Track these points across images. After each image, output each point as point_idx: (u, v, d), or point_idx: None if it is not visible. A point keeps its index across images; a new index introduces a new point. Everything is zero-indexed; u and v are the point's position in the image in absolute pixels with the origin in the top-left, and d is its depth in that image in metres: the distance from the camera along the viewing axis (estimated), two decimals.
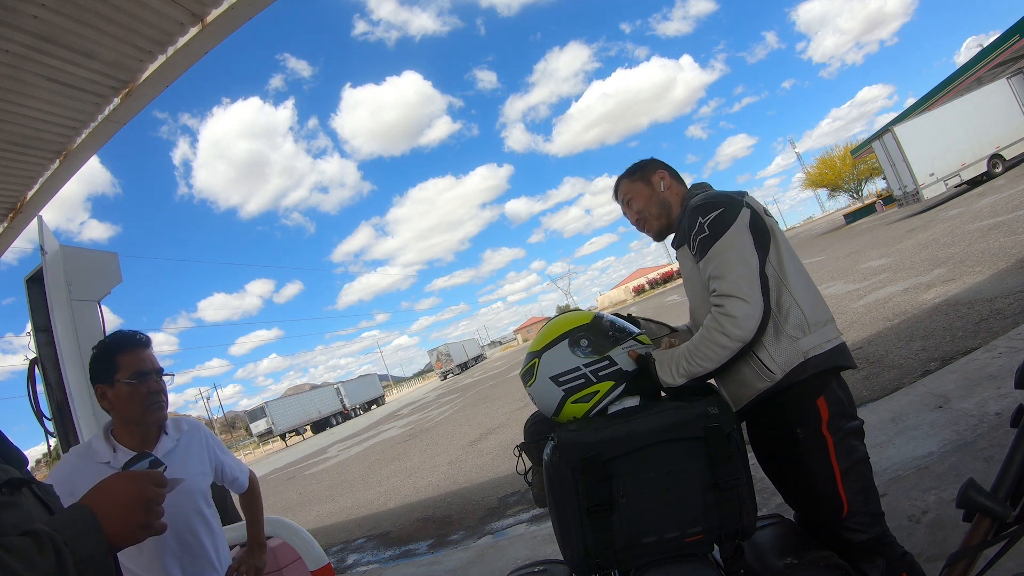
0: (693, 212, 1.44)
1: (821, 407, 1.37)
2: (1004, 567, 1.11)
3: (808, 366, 1.37)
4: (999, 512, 0.97)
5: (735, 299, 1.31)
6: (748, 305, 1.31)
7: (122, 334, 1.56)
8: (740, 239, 1.36)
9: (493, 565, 3.59)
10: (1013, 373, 1.06)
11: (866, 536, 1.36)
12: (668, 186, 1.66)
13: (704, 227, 1.39)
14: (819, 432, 1.36)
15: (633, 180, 1.70)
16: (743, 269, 1.33)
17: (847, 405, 1.40)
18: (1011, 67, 18.20)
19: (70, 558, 0.64)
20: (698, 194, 1.55)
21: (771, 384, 1.38)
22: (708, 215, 1.40)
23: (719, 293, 1.34)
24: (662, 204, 1.65)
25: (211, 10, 2.62)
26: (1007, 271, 5.67)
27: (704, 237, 1.39)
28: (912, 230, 12.90)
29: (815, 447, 1.37)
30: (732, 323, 1.30)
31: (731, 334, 1.31)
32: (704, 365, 1.35)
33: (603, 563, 1.20)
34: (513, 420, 9.49)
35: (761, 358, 1.39)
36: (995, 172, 16.79)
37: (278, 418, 40.12)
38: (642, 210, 1.67)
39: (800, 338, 1.38)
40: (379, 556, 4.98)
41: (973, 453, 2.55)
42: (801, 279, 1.45)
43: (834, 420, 1.37)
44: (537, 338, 1.42)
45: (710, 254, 1.37)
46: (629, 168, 1.76)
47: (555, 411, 1.35)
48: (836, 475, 1.35)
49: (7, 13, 2.18)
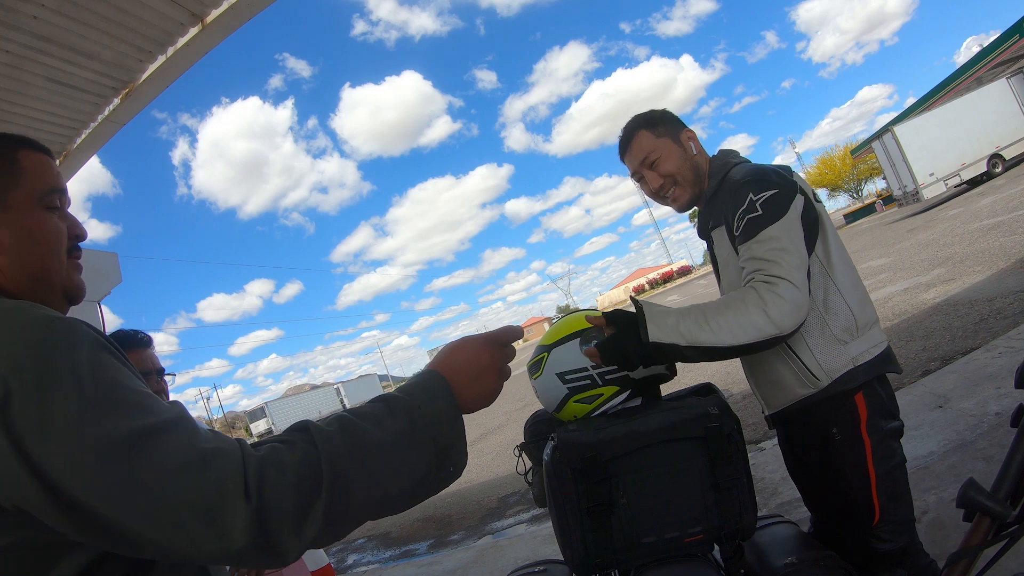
0: (742, 187, 1.24)
1: (859, 405, 1.24)
2: (1004, 567, 1.11)
3: (857, 374, 1.23)
4: (999, 512, 0.97)
5: (789, 283, 1.12)
6: (800, 295, 1.12)
7: (123, 334, 1.56)
8: (794, 230, 1.20)
9: (493, 565, 3.59)
10: (1013, 373, 1.06)
11: (893, 545, 1.25)
12: (699, 149, 1.43)
13: (756, 206, 1.20)
14: (857, 433, 1.24)
15: (658, 134, 1.41)
16: (797, 262, 1.15)
17: (887, 403, 1.28)
18: (1011, 67, 18.21)
19: (421, 420, 0.64)
20: (734, 163, 1.37)
21: (814, 391, 1.25)
22: (762, 193, 1.21)
23: (770, 272, 1.14)
24: (695, 169, 1.41)
25: (211, 10, 2.62)
26: (1007, 271, 5.67)
27: (756, 217, 1.20)
28: (912, 230, 12.90)
29: (851, 450, 1.25)
30: (780, 306, 1.10)
31: (773, 316, 1.10)
32: (719, 336, 1.11)
33: (603, 563, 1.20)
34: (513, 420, 9.49)
35: (805, 362, 1.24)
36: (995, 172, 16.79)
37: (278, 418, 40.19)
38: (674, 174, 1.40)
39: (849, 342, 1.24)
40: (379, 556, 4.98)
41: (973, 453, 2.55)
42: (849, 275, 1.29)
43: (873, 419, 1.24)
44: (549, 332, 1.42)
45: (760, 237, 1.18)
46: (644, 117, 1.44)
47: (557, 408, 1.35)
48: (871, 481, 1.23)
49: (7, 13, 2.18)
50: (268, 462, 0.56)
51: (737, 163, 1.36)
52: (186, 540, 0.52)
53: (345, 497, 0.58)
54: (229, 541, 0.52)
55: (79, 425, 0.52)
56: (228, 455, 0.55)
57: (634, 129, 1.43)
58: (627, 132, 1.44)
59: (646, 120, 1.42)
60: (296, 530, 0.55)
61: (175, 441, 0.55)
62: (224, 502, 0.53)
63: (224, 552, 0.53)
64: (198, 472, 0.53)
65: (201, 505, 0.52)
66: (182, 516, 0.52)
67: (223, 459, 0.55)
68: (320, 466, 0.57)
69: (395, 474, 0.61)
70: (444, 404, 0.67)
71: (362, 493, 0.59)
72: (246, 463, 0.55)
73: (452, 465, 0.66)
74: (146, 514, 0.52)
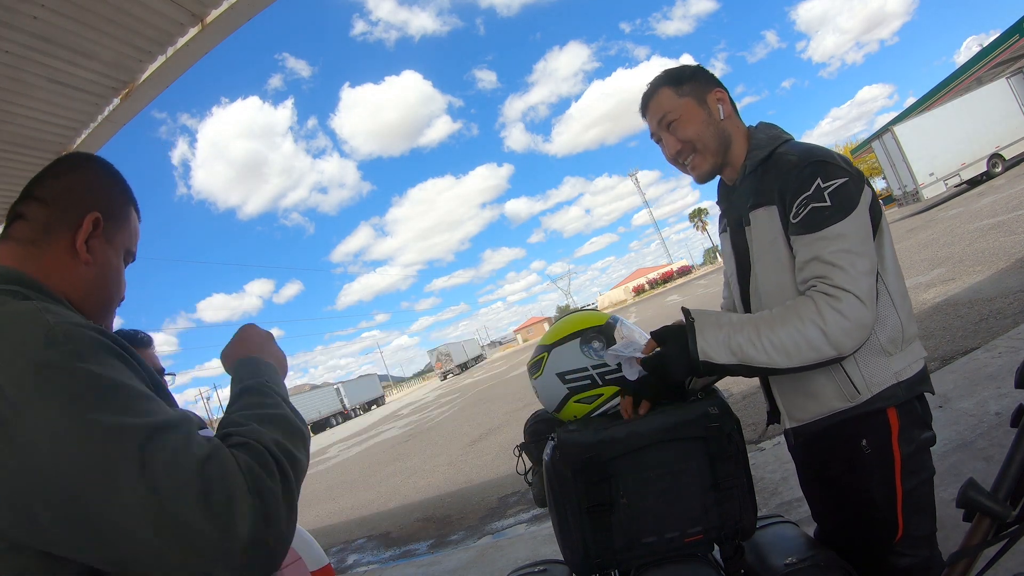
0: (809, 167, 1.09)
1: (891, 417, 1.14)
2: (1004, 567, 1.12)
3: (898, 391, 1.12)
4: (999, 512, 0.97)
5: (855, 299, 1.01)
6: (868, 314, 1.02)
7: (124, 333, 1.56)
8: (864, 228, 1.07)
9: (493, 565, 3.59)
10: (1013, 373, 1.06)
11: (911, 560, 1.16)
12: (728, 113, 1.26)
13: (825, 195, 1.05)
14: (887, 446, 1.13)
15: (681, 93, 1.25)
16: (867, 266, 1.04)
17: (921, 412, 1.18)
18: (1011, 67, 18.21)
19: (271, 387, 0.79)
20: (785, 139, 1.22)
21: (851, 406, 1.14)
22: (832, 181, 1.06)
23: (834, 283, 1.03)
24: (721, 135, 1.24)
25: (211, 10, 2.62)
26: (1007, 271, 5.67)
27: (824, 208, 1.05)
28: (912, 230, 12.89)
29: (879, 464, 1.14)
30: (842, 326, 1.01)
31: (833, 338, 1.01)
32: (772, 357, 1.03)
33: (603, 563, 1.20)
34: (513, 420, 9.49)
35: (848, 372, 1.12)
36: (995, 172, 16.78)
37: None
38: (694, 139, 1.24)
39: (894, 354, 1.13)
40: (379, 556, 4.98)
41: (973, 453, 2.55)
42: (901, 282, 1.18)
43: (906, 431, 1.14)
44: (550, 332, 1.41)
45: (827, 232, 1.05)
46: (671, 72, 1.28)
47: (557, 408, 1.35)
48: (898, 498, 1.14)
49: (7, 13, 2.18)
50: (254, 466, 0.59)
51: (787, 139, 1.22)
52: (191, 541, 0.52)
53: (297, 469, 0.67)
54: (237, 537, 0.53)
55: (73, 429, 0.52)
56: (224, 456, 0.58)
57: (657, 86, 1.27)
58: (650, 88, 1.29)
59: (671, 76, 1.26)
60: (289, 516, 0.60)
61: (172, 443, 0.55)
62: (232, 500, 0.54)
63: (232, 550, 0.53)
64: (199, 471, 0.54)
65: (204, 504, 0.52)
66: (187, 516, 0.52)
67: (221, 459, 0.57)
68: (274, 453, 0.63)
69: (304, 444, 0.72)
70: (279, 375, 0.85)
71: (301, 461, 0.69)
72: (239, 463, 0.58)
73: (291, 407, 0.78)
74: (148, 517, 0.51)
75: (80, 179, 0.82)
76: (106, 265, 0.80)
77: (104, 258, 0.80)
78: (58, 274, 0.74)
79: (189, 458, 0.54)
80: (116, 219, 0.83)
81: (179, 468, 0.53)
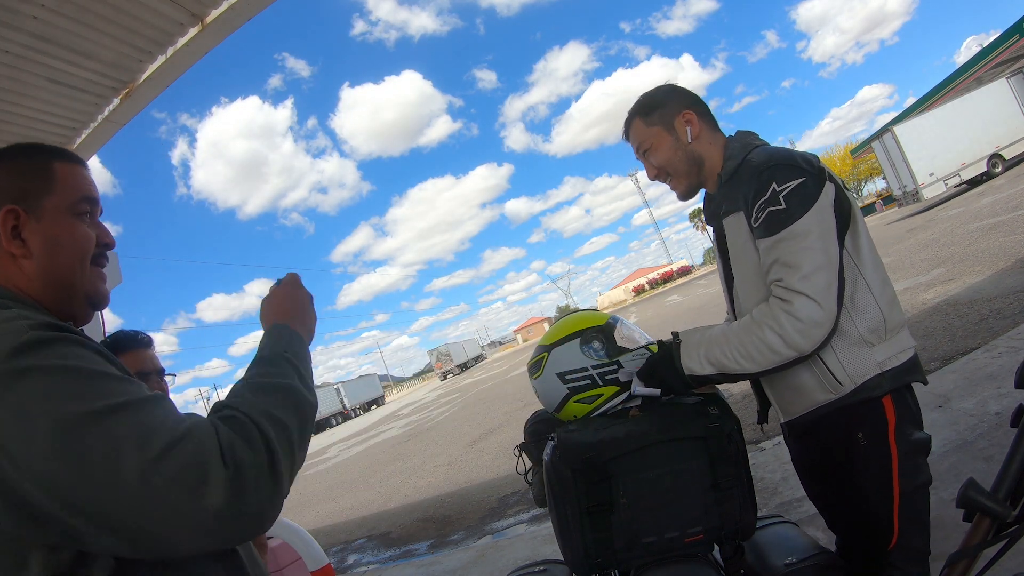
0: (765, 172, 1.13)
1: (888, 409, 1.14)
2: (1004, 567, 1.11)
3: (883, 381, 1.13)
4: (999, 512, 0.97)
5: (806, 299, 1.05)
6: (820, 311, 1.05)
7: (124, 334, 1.56)
8: (824, 224, 1.08)
9: (493, 565, 3.59)
10: (1013, 373, 1.06)
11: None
12: (697, 133, 1.28)
13: (780, 198, 1.09)
14: (884, 438, 1.14)
15: (649, 123, 1.31)
16: (823, 261, 1.06)
17: (915, 412, 1.18)
18: (1011, 67, 18.22)
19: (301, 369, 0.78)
20: (755, 145, 1.25)
21: (836, 397, 1.15)
22: (786, 183, 1.09)
23: (787, 286, 1.07)
24: (690, 159, 1.29)
25: (211, 10, 2.62)
26: (1007, 271, 5.67)
27: (778, 211, 1.09)
28: (912, 230, 12.90)
29: (876, 457, 1.14)
30: (795, 327, 1.05)
31: (789, 339, 1.06)
32: (741, 364, 1.11)
33: (603, 563, 1.20)
34: (513, 420, 9.49)
35: (828, 364, 1.14)
36: (995, 172, 16.79)
37: None
38: (663, 165, 1.31)
39: (876, 345, 1.14)
40: (379, 556, 4.98)
41: (973, 453, 2.55)
42: (879, 272, 1.19)
43: (902, 426, 1.14)
44: (550, 332, 1.41)
45: (783, 235, 1.08)
46: (642, 102, 1.34)
47: (556, 408, 1.35)
48: (895, 496, 1.13)
49: (7, 13, 2.18)
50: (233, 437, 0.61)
51: (758, 145, 1.25)
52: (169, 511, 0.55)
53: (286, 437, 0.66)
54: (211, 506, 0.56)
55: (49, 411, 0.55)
56: (203, 427, 0.60)
57: (631, 117, 1.35)
58: (627, 118, 1.37)
59: (642, 107, 1.33)
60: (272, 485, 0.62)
61: (151, 416, 0.58)
62: (204, 473, 0.56)
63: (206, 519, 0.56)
64: (179, 444, 0.57)
65: (183, 474, 0.55)
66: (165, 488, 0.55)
67: (199, 430, 0.59)
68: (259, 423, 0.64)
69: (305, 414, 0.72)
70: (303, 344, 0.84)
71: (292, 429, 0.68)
72: (219, 433, 0.60)
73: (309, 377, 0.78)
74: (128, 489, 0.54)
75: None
76: (50, 242, 0.75)
77: (43, 238, 0.75)
78: (5, 277, 0.74)
79: (163, 433, 0.57)
80: (35, 193, 0.76)
81: (151, 442, 0.56)
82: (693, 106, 1.31)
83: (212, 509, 0.56)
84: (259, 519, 0.61)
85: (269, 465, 0.62)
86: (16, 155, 0.79)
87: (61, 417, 0.55)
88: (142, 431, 0.56)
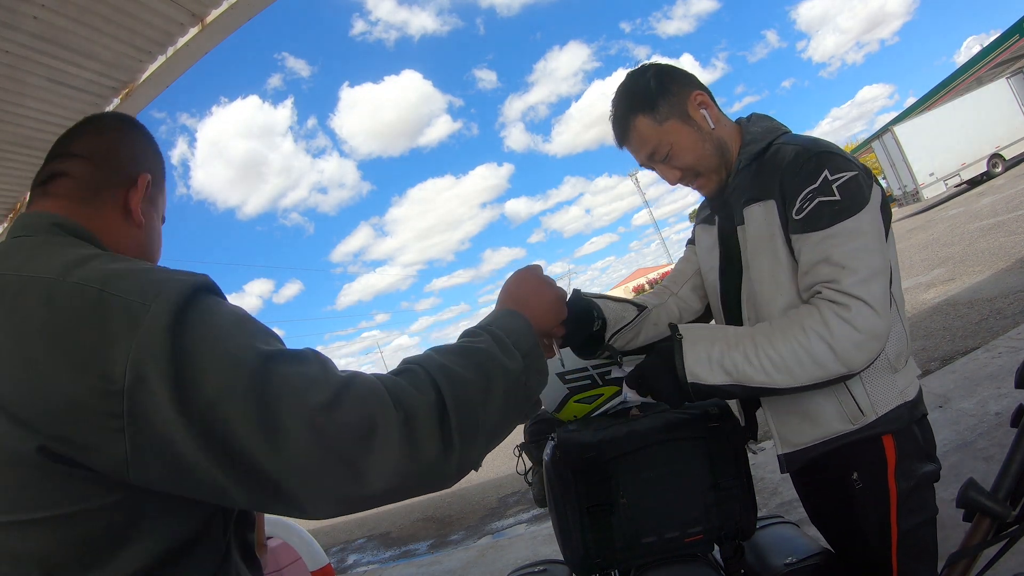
0: (815, 158, 0.95)
1: (888, 446, 1.00)
2: (1004, 567, 1.11)
3: (904, 412, 0.99)
4: (999, 512, 0.97)
5: (866, 306, 0.87)
6: (881, 322, 0.88)
7: None
8: (876, 226, 0.94)
9: (493, 565, 3.59)
10: (1013, 373, 1.06)
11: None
12: (716, 116, 1.09)
13: (833, 188, 0.92)
14: (883, 480, 1.01)
15: (660, 118, 1.07)
16: (880, 267, 0.90)
17: (923, 442, 1.03)
18: (1011, 67, 18.21)
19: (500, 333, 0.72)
20: (783, 131, 1.07)
21: (854, 428, 1.00)
22: (840, 173, 0.93)
23: (842, 288, 0.89)
24: (719, 147, 1.09)
25: (211, 10, 2.62)
26: (1007, 271, 5.67)
27: (832, 203, 0.91)
28: (912, 230, 12.90)
29: (873, 500, 1.02)
30: (851, 338, 0.87)
31: (842, 352, 0.88)
32: (772, 376, 0.91)
33: (603, 563, 1.20)
34: None
35: (852, 391, 0.99)
36: (995, 172, 16.78)
37: None
38: (693, 165, 1.09)
39: (899, 371, 1.00)
40: (379, 556, 4.98)
41: (973, 453, 2.55)
42: (900, 289, 1.04)
43: (904, 463, 1.00)
44: None
45: (837, 230, 0.91)
46: (637, 95, 1.09)
47: (557, 407, 1.35)
48: (892, 538, 1.01)
49: (7, 13, 2.18)
50: (400, 383, 0.57)
51: (786, 131, 1.08)
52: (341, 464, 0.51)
53: (461, 385, 0.61)
54: (390, 458, 0.52)
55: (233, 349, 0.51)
56: (366, 376, 0.57)
57: (628, 115, 1.09)
58: (620, 119, 1.11)
59: (641, 100, 1.08)
60: (440, 427, 0.57)
61: (316, 365, 0.55)
62: (379, 418, 0.53)
63: (385, 471, 0.52)
64: (347, 390, 0.53)
65: (358, 424, 0.52)
66: (341, 435, 0.51)
67: (363, 379, 0.56)
68: (432, 372, 0.60)
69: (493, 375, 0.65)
70: (518, 321, 0.75)
71: (469, 379, 0.62)
72: (384, 383, 0.57)
73: (536, 371, 0.72)
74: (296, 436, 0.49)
75: (128, 138, 0.78)
76: (152, 229, 0.78)
77: (151, 221, 0.77)
78: (111, 235, 0.70)
79: (329, 378, 0.53)
80: (159, 183, 0.80)
81: (318, 390, 0.52)
82: (695, 83, 1.10)
83: (391, 459, 0.52)
84: (429, 472, 0.56)
85: (439, 415, 0.57)
86: (151, 135, 0.83)
87: (241, 360, 0.50)
88: (307, 380, 0.52)
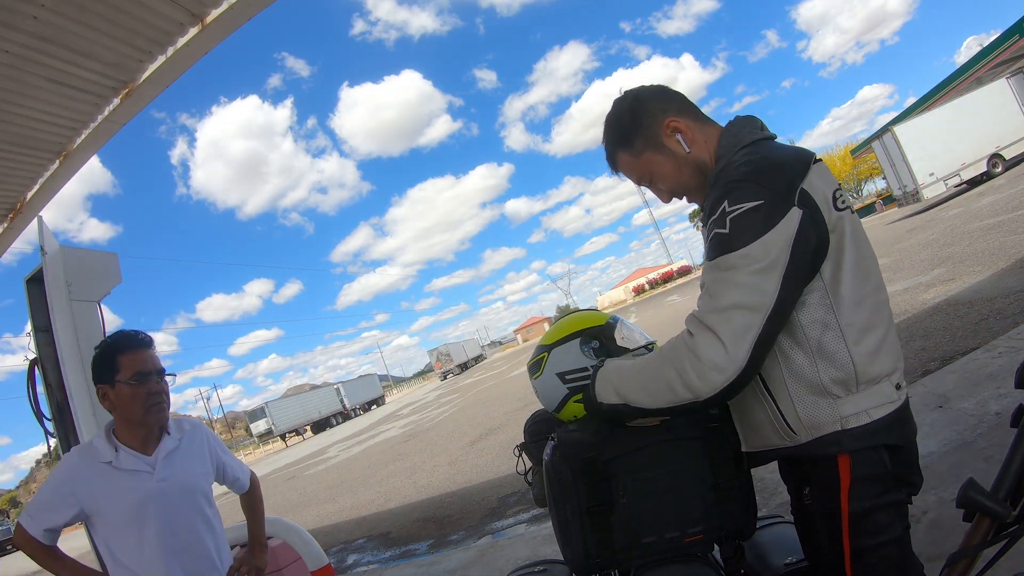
0: (725, 187, 0.97)
1: (842, 466, 0.98)
2: (1004, 567, 1.11)
3: (842, 439, 0.97)
4: (999, 512, 0.97)
5: (712, 337, 0.92)
6: (724, 355, 0.91)
7: (124, 334, 1.56)
8: (771, 258, 0.92)
9: (493, 565, 3.59)
10: (1013, 373, 1.06)
11: None
12: (692, 138, 1.10)
13: (726, 220, 0.94)
14: (833, 500, 0.99)
15: (635, 152, 1.14)
16: (747, 301, 0.91)
17: (889, 467, 0.99)
18: (1011, 67, 18.22)
19: None
20: (744, 144, 1.05)
21: (791, 445, 1.02)
22: (737, 205, 0.94)
23: (699, 317, 0.96)
24: (697, 168, 1.11)
25: (211, 10, 2.63)
26: (1007, 271, 5.67)
27: (721, 235, 0.95)
28: (912, 230, 12.90)
29: (823, 517, 1.01)
30: (693, 365, 0.93)
31: (685, 378, 0.94)
32: (640, 398, 1.02)
33: (603, 563, 1.20)
34: (513, 420, 9.49)
35: (782, 410, 1.01)
36: (995, 172, 16.79)
37: (278, 418, 40.17)
38: (675, 189, 1.15)
39: (841, 397, 0.97)
40: (379, 556, 4.98)
41: (973, 453, 2.55)
42: (863, 315, 0.99)
43: (860, 486, 0.97)
44: (550, 332, 1.42)
45: (718, 262, 0.95)
46: (615, 133, 1.17)
47: (557, 408, 1.35)
48: (845, 555, 0.99)
49: (7, 13, 2.18)
50: None
51: (747, 145, 1.05)
52: None
53: None
54: None
55: None
56: None
57: (610, 150, 1.19)
58: (607, 153, 1.21)
59: (619, 138, 1.16)
60: None
61: None
62: None
63: None
64: None
65: None
66: None
67: None
68: None
69: None
70: None
71: None
72: None
73: None
74: None
75: None
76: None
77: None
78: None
79: None
80: None
81: None
82: (669, 108, 1.12)
83: None
84: None
85: None
86: None
87: None
88: None
